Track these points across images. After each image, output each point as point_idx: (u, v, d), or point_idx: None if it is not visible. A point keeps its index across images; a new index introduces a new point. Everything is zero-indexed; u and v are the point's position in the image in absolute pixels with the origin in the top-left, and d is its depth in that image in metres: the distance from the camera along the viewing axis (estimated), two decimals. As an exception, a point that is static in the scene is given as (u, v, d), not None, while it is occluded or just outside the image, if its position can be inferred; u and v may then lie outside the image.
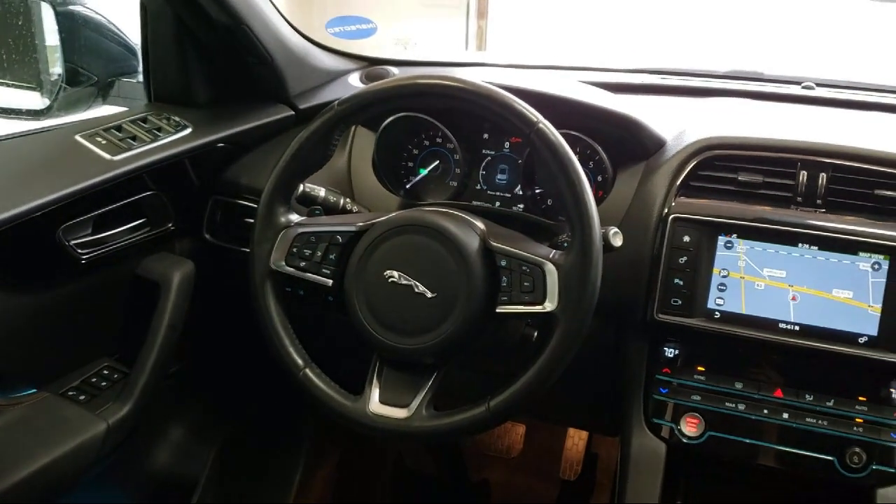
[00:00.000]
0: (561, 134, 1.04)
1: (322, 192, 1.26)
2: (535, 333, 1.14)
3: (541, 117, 1.03)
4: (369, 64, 1.73)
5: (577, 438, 1.98)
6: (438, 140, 1.42)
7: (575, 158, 1.03)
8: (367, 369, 1.09)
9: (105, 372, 1.39)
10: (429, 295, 1.05)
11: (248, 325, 1.17)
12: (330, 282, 1.12)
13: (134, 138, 1.34)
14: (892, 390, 1.15)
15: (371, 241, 1.08)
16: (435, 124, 1.38)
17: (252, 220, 1.17)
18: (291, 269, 1.13)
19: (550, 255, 1.03)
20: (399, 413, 1.06)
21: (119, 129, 1.36)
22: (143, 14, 1.46)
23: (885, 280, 1.12)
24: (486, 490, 2.06)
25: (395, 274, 1.06)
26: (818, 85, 1.55)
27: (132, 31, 1.52)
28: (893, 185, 1.15)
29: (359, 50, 1.75)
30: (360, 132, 1.46)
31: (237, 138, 1.47)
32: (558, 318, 1.01)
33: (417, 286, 1.05)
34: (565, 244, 1.05)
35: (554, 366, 1.01)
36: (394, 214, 1.10)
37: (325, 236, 1.13)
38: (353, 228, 1.12)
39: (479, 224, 1.09)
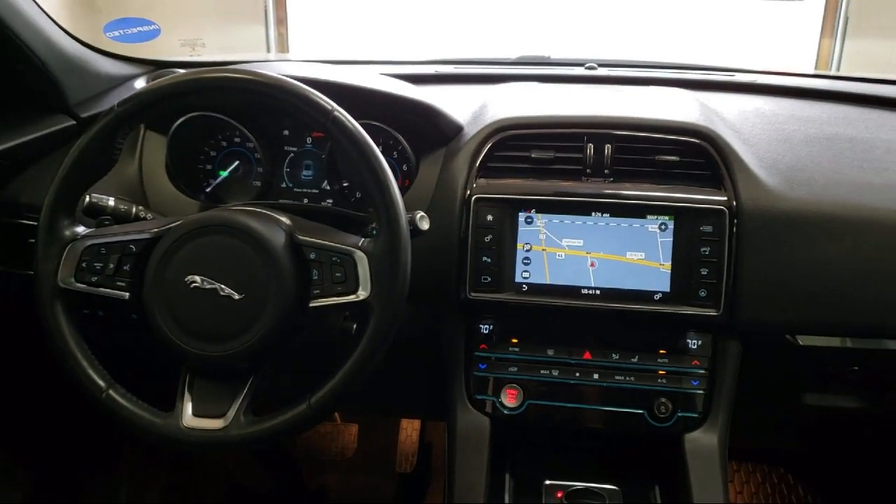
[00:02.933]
0: (362, 124, 1.04)
1: (111, 201, 1.17)
2: (355, 326, 1.13)
3: (335, 105, 1.02)
4: (156, 68, 1.64)
5: (410, 430, 1.99)
6: (237, 140, 1.37)
7: (373, 144, 1.03)
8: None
9: None
10: (236, 297, 1.01)
11: (45, 354, 1.08)
12: (126, 295, 1.05)
13: None
14: (688, 341, 1.24)
15: (167, 246, 1.03)
16: (231, 123, 1.34)
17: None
18: (82, 285, 1.05)
19: (359, 243, 1.03)
20: (215, 424, 1.01)
21: None
22: None
23: (671, 239, 1.20)
24: (323, 495, 2.03)
25: (198, 278, 1.01)
26: (600, 65, 1.64)
27: None
28: (672, 151, 1.24)
29: (145, 54, 1.66)
30: (150, 136, 1.39)
31: (13, 153, 1.35)
32: (372, 306, 1.01)
33: (223, 289, 1.01)
34: (374, 232, 1.05)
35: (372, 353, 1.01)
36: (190, 217, 1.05)
37: (117, 246, 1.06)
38: (146, 235, 1.06)
39: (285, 219, 1.07)
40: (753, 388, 1.27)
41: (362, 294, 1.00)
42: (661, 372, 1.24)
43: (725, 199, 1.19)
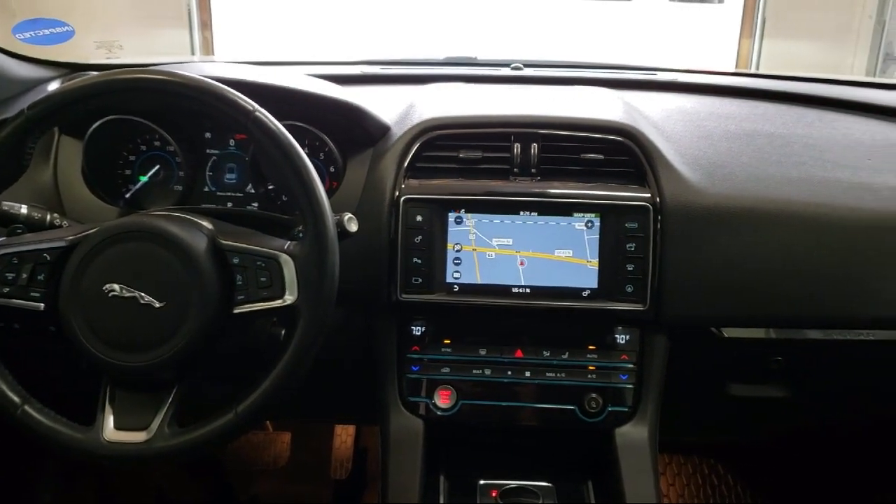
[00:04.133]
0: (285, 125, 1.02)
1: (24, 209, 1.12)
2: (283, 332, 1.11)
3: (256, 105, 1.00)
4: (72, 71, 1.59)
5: (344, 436, 1.97)
6: (156, 143, 1.33)
7: (297, 145, 1.01)
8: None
9: None
10: (157, 305, 0.98)
11: None
12: (41, 305, 1.01)
13: None
14: (616, 336, 1.26)
15: (84, 254, 0.99)
16: (150, 126, 1.30)
17: None
18: None
19: (285, 247, 1.01)
20: (138, 437, 0.99)
21: None
22: None
23: (598, 236, 1.21)
24: None
25: (116, 287, 0.98)
26: (526, 66, 1.66)
27: None
28: (597, 149, 1.25)
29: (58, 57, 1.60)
30: (65, 141, 1.33)
31: None
32: (300, 310, 0.99)
33: (143, 297, 0.98)
34: (300, 235, 1.03)
35: (300, 359, 0.99)
36: (108, 223, 1.02)
37: (30, 255, 1.02)
38: (61, 244, 1.02)
39: (207, 224, 1.04)
40: (681, 381, 1.30)
41: (289, 298, 0.99)
42: (590, 367, 1.25)
43: (649, 195, 1.21)
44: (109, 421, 0.99)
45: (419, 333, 1.26)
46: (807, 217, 1.21)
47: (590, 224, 1.22)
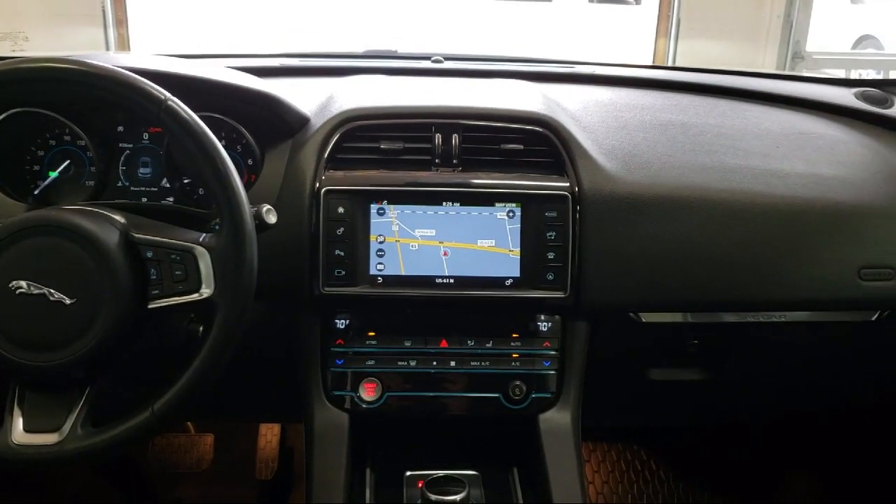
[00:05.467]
0: (201, 117, 0.99)
1: None
2: (201, 328, 1.08)
3: (169, 95, 0.98)
4: (-29, 65, 1.51)
5: (269, 436, 1.94)
6: (67, 138, 1.28)
7: (211, 135, 0.99)
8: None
9: None
10: (67, 302, 0.95)
11: None
12: None
13: None
14: (538, 324, 1.27)
15: None
16: (59, 120, 1.25)
17: None
18: None
19: (200, 239, 0.99)
20: (49, 438, 0.95)
21: None
22: None
23: (519, 226, 1.22)
24: None
25: (23, 284, 0.94)
26: (446, 59, 1.66)
27: None
28: (516, 139, 1.26)
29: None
30: None
31: None
32: (217, 304, 0.97)
33: (52, 294, 0.94)
34: (217, 227, 1.01)
35: (218, 354, 0.97)
36: (13, 218, 0.98)
37: None
38: None
39: (119, 218, 1.01)
40: (603, 367, 1.32)
41: (205, 292, 0.97)
42: (514, 355, 1.26)
43: (568, 185, 1.22)
44: (18, 423, 0.96)
45: (343, 326, 1.25)
46: (719, 203, 1.25)
47: (511, 214, 1.23)
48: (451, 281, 1.22)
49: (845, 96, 1.56)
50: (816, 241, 1.28)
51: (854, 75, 4.86)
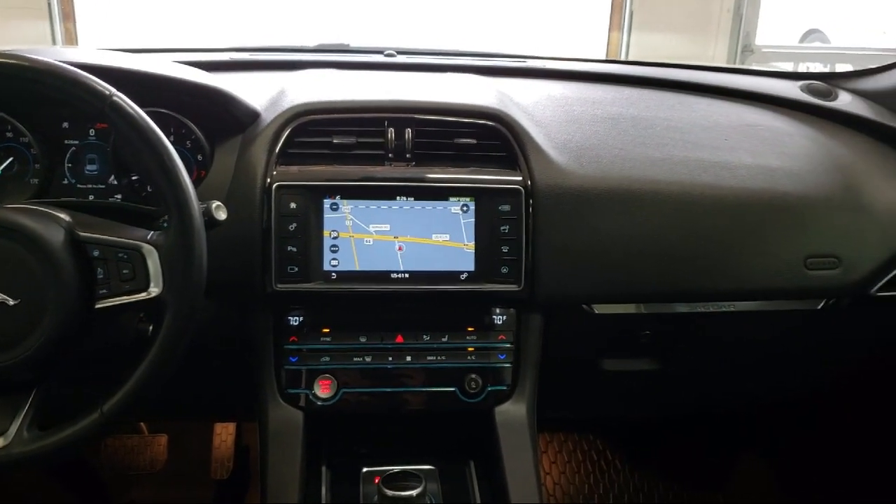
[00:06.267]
0: (147, 112, 0.98)
1: None
2: (151, 327, 1.06)
3: (114, 90, 0.96)
4: None
5: (224, 435, 1.92)
6: (9, 134, 1.25)
7: (158, 130, 0.97)
8: None
9: None
10: (10, 303, 0.93)
11: None
12: None
13: None
14: (493, 317, 1.28)
15: None
16: (1, 116, 1.22)
17: None
18: None
19: (148, 237, 0.97)
20: None
21: None
22: None
23: (473, 220, 1.23)
24: None
25: None
26: (399, 53, 1.65)
27: None
28: (469, 133, 1.27)
29: None
30: None
31: None
32: (166, 302, 0.96)
33: None
34: (166, 225, 0.99)
35: (169, 353, 0.95)
36: None
37: None
38: None
39: (64, 216, 0.99)
40: (557, 359, 1.33)
41: (154, 290, 0.95)
42: (470, 349, 1.27)
43: (521, 178, 1.23)
44: None
45: (296, 323, 1.24)
46: (669, 195, 1.26)
47: (465, 208, 1.23)
48: (406, 276, 1.22)
49: (791, 89, 1.59)
50: (764, 232, 1.30)
51: (802, 68, 4.98)
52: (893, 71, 1.55)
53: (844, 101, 1.57)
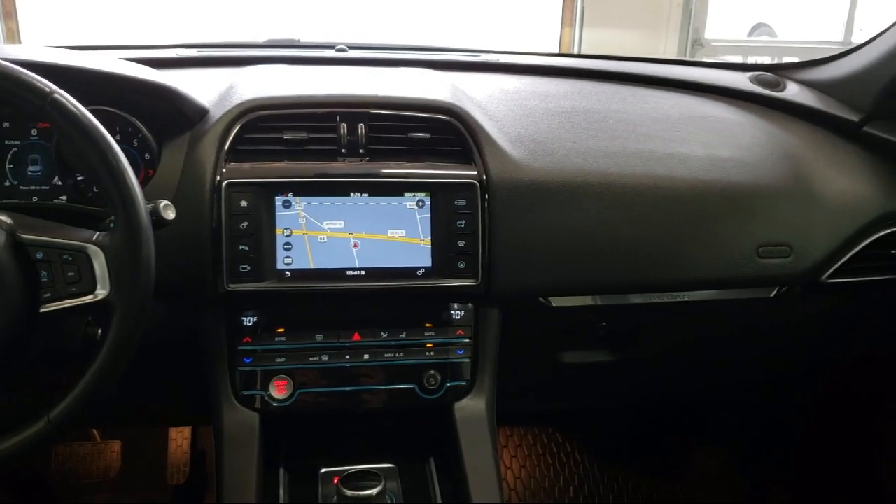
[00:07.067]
0: (92, 111, 0.95)
1: None
2: (99, 331, 1.03)
3: (55, 87, 0.93)
4: None
5: (180, 440, 1.88)
6: None
7: (101, 128, 0.94)
8: None
9: None
10: None
11: None
12: None
13: None
14: (451, 312, 1.27)
15: None
16: None
17: None
18: None
19: (94, 238, 0.94)
20: None
21: None
22: None
23: (429, 215, 1.22)
24: None
25: None
26: (350, 48, 1.63)
27: None
28: (424, 128, 1.25)
29: None
30: None
31: None
32: (114, 305, 0.93)
33: None
34: (112, 225, 0.96)
35: (117, 357, 0.93)
36: None
37: None
38: None
39: (5, 218, 0.95)
40: (516, 353, 1.33)
41: (101, 293, 0.92)
42: (428, 345, 1.26)
43: (476, 173, 1.22)
44: None
45: (250, 324, 1.22)
46: (623, 187, 1.27)
47: (421, 203, 1.22)
48: (362, 273, 1.21)
49: (741, 80, 1.61)
50: (717, 222, 1.31)
51: (750, 61, 5.06)
52: (840, 61, 1.57)
53: (793, 91, 1.59)
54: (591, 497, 2.07)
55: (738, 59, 5.11)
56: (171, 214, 1.02)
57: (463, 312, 1.27)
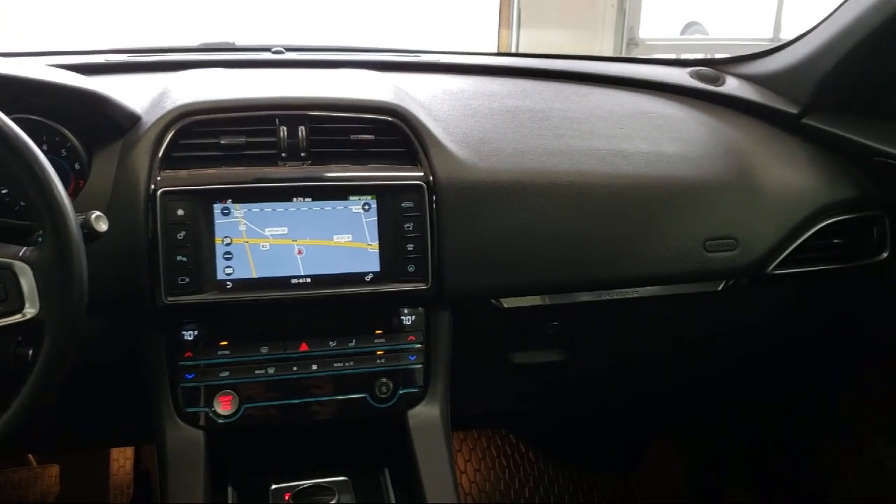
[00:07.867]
0: (15, 119, 0.90)
1: None
2: (31, 351, 0.98)
3: None
4: None
5: (122, 460, 1.82)
6: None
7: (25, 137, 0.89)
8: None
9: None
10: None
11: None
12: None
13: None
14: (402, 318, 1.24)
15: None
16: None
17: None
18: None
19: (20, 254, 0.89)
20: None
21: None
22: None
23: (376, 218, 1.19)
24: None
25: None
26: (287, 49, 1.60)
27: None
28: (367, 129, 1.22)
29: None
30: None
31: None
32: (44, 323, 0.88)
33: None
34: (40, 240, 0.91)
35: (50, 378, 0.88)
36: None
37: None
38: None
39: None
40: (468, 356, 1.31)
41: (29, 312, 0.87)
42: (379, 352, 1.23)
43: (422, 174, 1.20)
44: None
45: (191, 338, 1.17)
46: (569, 185, 1.26)
47: (367, 207, 1.19)
48: (308, 280, 1.17)
49: (681, 76, 1.63)
50: (662, 217, 1.32)
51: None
52: (776, 55, 1.60)
53: (732, 85, 1.61)
54: (547, 497, 2.07)
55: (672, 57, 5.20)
56: (103, 226, 0.97)
57: (414, 317, 1.24)
